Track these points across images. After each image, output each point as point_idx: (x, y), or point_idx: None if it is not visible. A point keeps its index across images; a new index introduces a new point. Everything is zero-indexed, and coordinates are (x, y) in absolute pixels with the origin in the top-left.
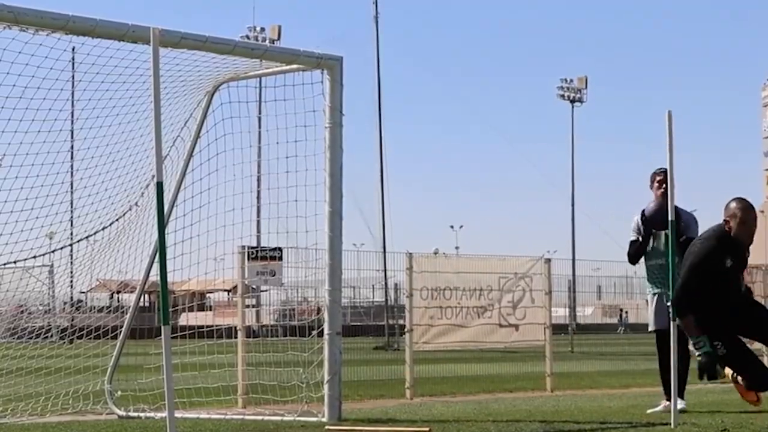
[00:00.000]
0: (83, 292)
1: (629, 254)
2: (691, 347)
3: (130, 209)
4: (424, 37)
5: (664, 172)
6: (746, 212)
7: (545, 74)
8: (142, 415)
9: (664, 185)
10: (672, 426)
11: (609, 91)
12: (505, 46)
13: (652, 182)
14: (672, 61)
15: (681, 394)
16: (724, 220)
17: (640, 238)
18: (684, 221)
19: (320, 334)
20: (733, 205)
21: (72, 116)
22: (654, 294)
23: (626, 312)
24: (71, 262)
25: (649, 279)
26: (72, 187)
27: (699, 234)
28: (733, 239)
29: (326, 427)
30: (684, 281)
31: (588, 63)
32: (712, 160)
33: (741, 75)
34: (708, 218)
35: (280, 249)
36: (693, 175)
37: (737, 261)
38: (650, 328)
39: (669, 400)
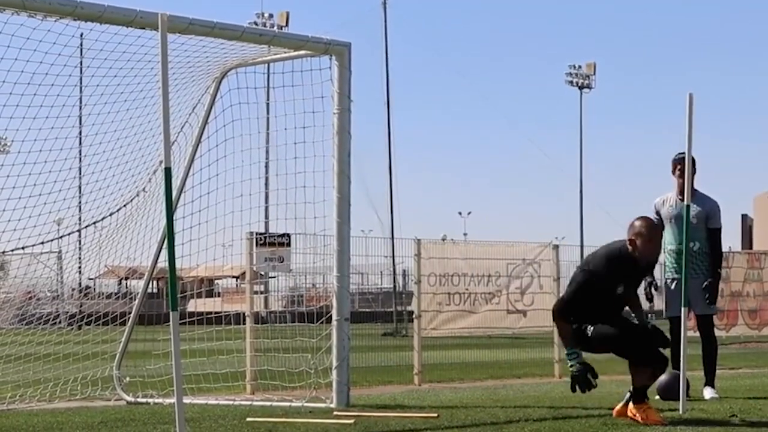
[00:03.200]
0: (91, 279)
1: None
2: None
3: (138, 195)
4: (432, 23)
5: (684, 158)
6: (653, 230)
7: (554, 60)
8: (150, 401)
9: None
10: (680, 412)
11: (618, 77)
12: (513, 32)
13: (674, 168)
14: (683, 47)
15: (712, 383)
16: (629, 239)
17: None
18: (708, 210)
19: (328, 320)
20: (638, 223)
21: (80, 102)
22: (672, 280)
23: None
24: (79, 248)
25: (668, 264)
26: (80, 173)
27: (606, 246)
28: (634, 260)
29: (334, 413)
30: (571, 297)
31: (596, 49)
32: (729, 145)
33: (758, 57)
34: (728, 203)
35: (288, 235)
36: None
37: (630, 286)
38: (665, 315)
39: (712, 386)
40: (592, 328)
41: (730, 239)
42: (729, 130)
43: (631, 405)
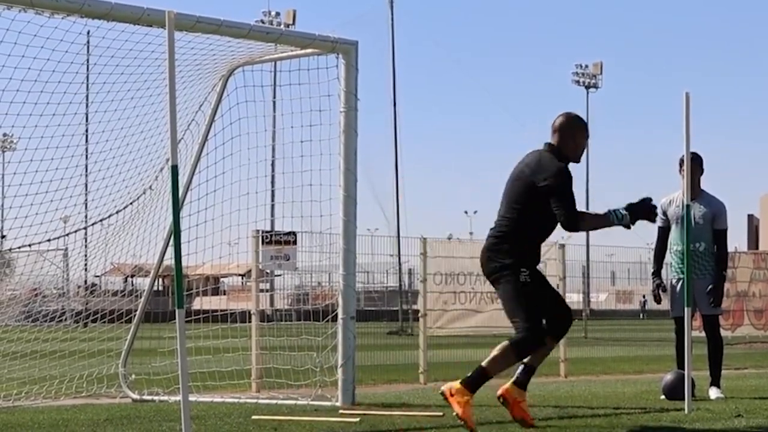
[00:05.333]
0: (97, 276)
1: (656, 244)
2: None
3: (144, 193)
4: (439, 22)
5: (691, 157)
6: (578, 126)
7: (560, 59)
8: (156, 398)
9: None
10: (686, 412)
11: (624, 77)
12: (520, 31)
13: (681, 168)
14: (689, 47)
15: (717, 383)
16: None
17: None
18: (714, 210)
19: (334, 318)
20: (561, 120)
21: (87, 100)
22: (678, 280)
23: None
24: (85, 246)
25: (674, 265)
26: (86, 171)
27: (544, 152)
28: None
29: (340, 411)
30: (572, 201)
31: (603, 48)
32: (736, 145)
33: (766, 58)
34: (734, 202)
35: (294, 233)
36: (718, 159)
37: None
38: (671, 315)
39: (718, 386)
40: (529, 279)
41: (736, 239)
42: (735, 130)
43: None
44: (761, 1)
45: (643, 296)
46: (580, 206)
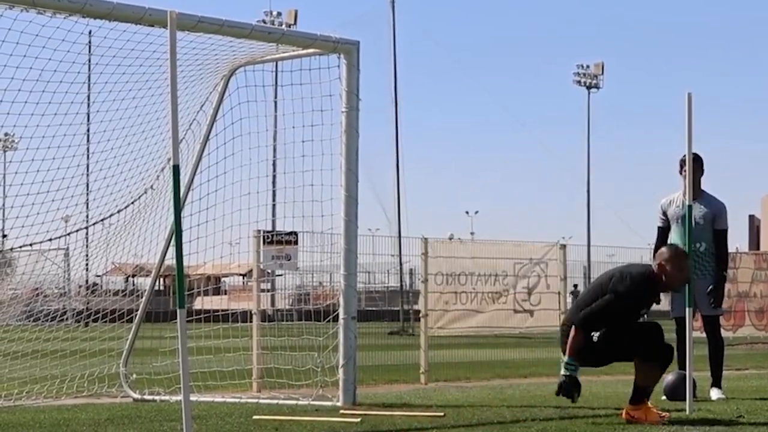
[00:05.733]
0: (99, 276)
1: (655, 244)
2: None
3: (145, 192)
4: (440, 22)
5: (692, 158)
6: (683, 259)
7: (561, 60)
8: (157, 398)
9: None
10: (687, 413)
11: (626, 78)
12: (521, 31)
13: (681, 168)
14: (691, 47)
15: (718, 384)
16: (659, 264)
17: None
18: (715, 210)
19: (335, 318)
20: (669, 251)
21: (88, 99)
22: None
23: None
24: (87, 245)
25: None
26: (88, 170)
27: (634, 269)
28: (661, 285)
29: (341, 411)
30: (597, 315)
31: (604, 49)
32: (737, 145)
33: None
34: (735, 203)
35: (295, 233)
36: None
37: (649, 306)
38: (671, 315)
39: (719, 387)
40: (596, 334)
41: (737, 240)
42: (737, 130)
43: (628, 405)
44: (762, 1)
45: None
46: (581, 207)
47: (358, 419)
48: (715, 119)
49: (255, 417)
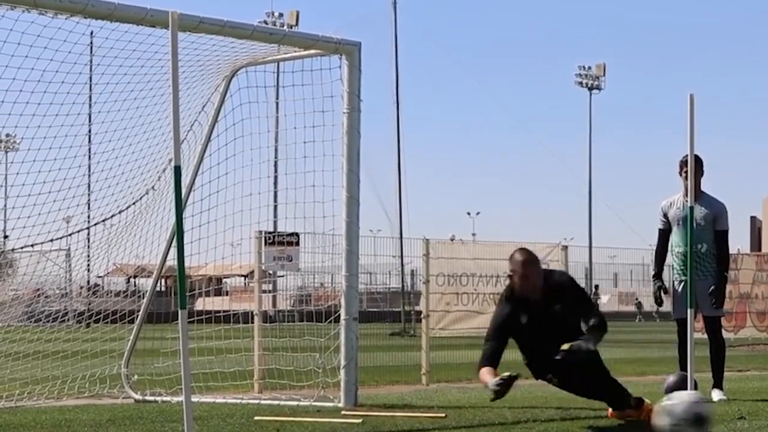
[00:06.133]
0: (100, 276)
1: (657, 247)
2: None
3: (147, 193)
4: (442, 23)
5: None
6: (526, 266)
7: (563, 61)
8: (158, 399)
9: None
10: None
11: (627, 79)
12: (523, 32)
13: (681, 170)
14: (692, 48)
15: (720, 385)
16: (509, 273)
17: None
18: (715, 211)
19: (337, 319)
20: (514, 258)
21: (90, 100)
22: (680, 281)
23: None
24: (88, 246)
25: (675, 266)
26: (89, 171)
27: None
28: (520, 295)
29: (342, 412)
30: (485, 340)
31: (606, 50)
32: (739, 147)
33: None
34: (736, 204)
35: (297, 234)
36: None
37: (533, 313)
38: (673, 317)
39: (720, 388)
40: (550, 375)
41: (739, 241)
42: (738, 131)
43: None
44: (762, 2)
45: (636, 299)
46: (583, 207)
47: (360, 420)
48: (717, 120)
49: (256, 418)
